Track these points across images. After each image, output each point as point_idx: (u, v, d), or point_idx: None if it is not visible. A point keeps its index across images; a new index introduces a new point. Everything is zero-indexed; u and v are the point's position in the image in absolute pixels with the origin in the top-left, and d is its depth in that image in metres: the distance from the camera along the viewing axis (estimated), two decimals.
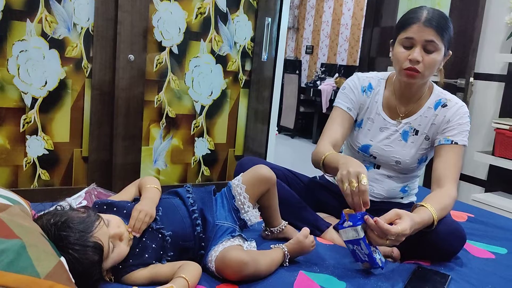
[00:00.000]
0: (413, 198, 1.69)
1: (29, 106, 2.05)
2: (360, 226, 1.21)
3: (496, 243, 1.59)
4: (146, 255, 1.10)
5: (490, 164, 2.77)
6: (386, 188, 1.60)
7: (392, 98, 1.59)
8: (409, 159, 1.56)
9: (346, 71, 6.35)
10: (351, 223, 1.22)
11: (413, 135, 1.56)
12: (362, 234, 1.21)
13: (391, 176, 1.61)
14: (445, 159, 1.46)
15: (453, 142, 1.47)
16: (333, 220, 1.59)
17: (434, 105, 1.54)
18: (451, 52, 1.48)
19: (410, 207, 1.43)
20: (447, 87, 2.92)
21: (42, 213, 1.03)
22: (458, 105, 1.52)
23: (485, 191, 2.85)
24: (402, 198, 1.64)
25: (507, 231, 1.73)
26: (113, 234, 1.03)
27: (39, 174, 2.13)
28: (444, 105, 1.52)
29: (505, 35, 2.71)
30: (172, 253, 1.14)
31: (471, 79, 2.76)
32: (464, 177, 2.95)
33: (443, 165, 1.46)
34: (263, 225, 1.45)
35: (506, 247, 1.55)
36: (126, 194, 1.25)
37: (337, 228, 1.28)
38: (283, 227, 1.43)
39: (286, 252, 1.26)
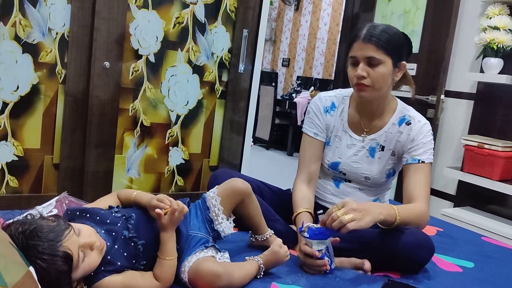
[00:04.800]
0: None
1: None
2: (314, 241, 1.31)
3: (464, 257, 1.62)
4: (119, 263, 1.08)
5: (459, 180, 2.84)
6: (357, 201, 1.62)
7: (355, 114, 1.62)
8: (377, 175, 1.59)
9: (322, 85, 6.43)
10: (307, 235, 1.31)
11: (379, 151, 1.59)
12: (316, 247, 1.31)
13: (362, 189, 1.63)
14: (414, 179, 1.50)
15: (420, 161, 1.51)
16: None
17: (398, 121, 1.58)
18: (405, 63, 1.52)
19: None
20: (419, 104, 3.00)
21: (11, 221, 1.00)
22: (421, 123, 1.55)
23: (454, 206, 2.91)
24: None
25: (474, 245, 1.78)
26: (83, 244, 1.00)
27: (8, 180, 2.07)
28: (408, 123, 1.56)
29: (474, 54, 2.80)
30: (145, 262, 1.13)
31: (442, 97, 2.84)
32: (434, 192, 3.02)
33: (413, 184, 1.50)
34: (250, 232, 1.47)
35: (473, 261, 1.59)
36: (101, 203, 1.23)
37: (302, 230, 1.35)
38: (268, 236, 1.44)
39: (261, 265, 1.26)
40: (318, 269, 1.33)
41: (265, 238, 1.44)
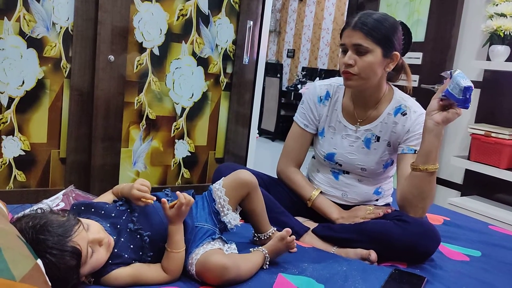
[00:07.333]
0: (389, 200, 1.71)
1: (5, 106, 2.01)
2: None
3: (471, 246, 1.62)
4: (126, 255, 1.09)
5: (466, 169, 2.83)
6: (358, 192, 1.62)
7: (350, 104, 1.61)
8: (373, 166, 1.58)
9: (327, 75, 6.40)
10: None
11: (375, 141, 1.57)
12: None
13: (362, 180, 1.62)
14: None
15: (417, 152, 1.49)
16: (311, 224, 1.60)
17: (394, 111, 1.55)
18: (398, 53, 1.48)
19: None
20: (425, 93, 2.97)
21: (22, 215, 1.01)
22: (417, 113, 1.53)
23: (461, 195, 2.90)
24: (377, 200, 1.65)
25: (481, 234, 1.77)
26: (92, 239, 1.01)
27: (15, 175, 2.09)
28: (404, 113, 1.54)
29: (481, 42, 2.77)
30: (152, 254, 1.14)
31: None
32: (440, 181, 3.01)
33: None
34: (253, 231, 1.45)
35: (480, 250, 1.59)
36: (102, 199, 1.24)
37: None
38: (271, 233, 1.41)
39: (267, 254, 1.26)
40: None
41: (268, 236, 1.42)
